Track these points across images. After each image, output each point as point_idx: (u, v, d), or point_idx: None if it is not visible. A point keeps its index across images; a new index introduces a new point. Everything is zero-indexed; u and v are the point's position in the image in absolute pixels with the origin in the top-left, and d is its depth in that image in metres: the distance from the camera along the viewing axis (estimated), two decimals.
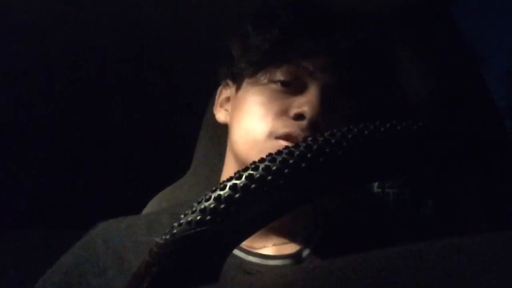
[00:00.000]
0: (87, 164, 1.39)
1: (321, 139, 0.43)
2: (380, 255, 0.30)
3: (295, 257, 0.73)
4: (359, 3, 0.95)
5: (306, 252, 0.74)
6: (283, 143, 0.68)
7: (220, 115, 0.82)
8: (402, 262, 0.29)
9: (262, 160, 0.43)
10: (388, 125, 0.44)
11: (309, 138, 0.44)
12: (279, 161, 0.42)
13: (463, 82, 1.04)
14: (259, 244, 0.74)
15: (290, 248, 0.74)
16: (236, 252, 0.72)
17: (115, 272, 0.71)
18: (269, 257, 0.73)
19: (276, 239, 0.75)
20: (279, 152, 0.43)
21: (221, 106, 0.83)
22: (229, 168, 0.79)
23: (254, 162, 0.43)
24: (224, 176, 0.80)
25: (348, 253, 0.30)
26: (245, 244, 0.73)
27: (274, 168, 0.42)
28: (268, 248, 0.74)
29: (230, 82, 0.81)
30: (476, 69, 1.06)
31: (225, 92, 0.83)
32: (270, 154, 0.43)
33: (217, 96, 0.84)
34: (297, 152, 0.42)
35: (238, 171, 0.43)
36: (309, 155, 0.42)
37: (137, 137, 1.37)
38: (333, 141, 0.43)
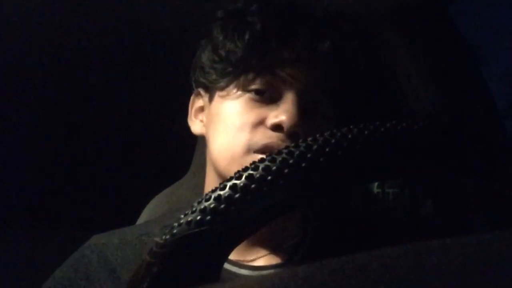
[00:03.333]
0: (87, 164, 1.39)
1: (321, 139, 0.43)
2: (377, 256, 0.30)
3: (286, 265, 0.72)
4: (357, 3, 0.95)
5: (296, 259, 0.73)
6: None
7: (196, 127, 0.79)
8: (400, 262, 0.29)
9: (262, 160, 0.43)
10: (388, 125, 0.44)
11: (309, 138, 0.44)
12: (279, 161, 0.42)
13: (463, 82, 1.04)
14: (250, 256, 0.73)
15: (281, 256, 0.73)
16: (227, 266, 0.71)
17: (110, 287, 0.71)
18: (260, 268, 0.72)
19: (266, 249, 0.73)
20: (279, 152, 0.43)
21: (195, 116, 0.79)
22: (211, 180, 0.77)
23: (254, 162, 0.43)
24: (208, 186, 0.77)
25: (341, 255, 0.30)
26: (236, 257, 0.72)
27: (274, 168, 0.42)
28: (259, 259, 0.73)
29: (202, 91, 0.78)
30: (476, 69, 1.06)
31: (197, 101, 0.79)
32: (270, 154, 0.43)
33: (190, 106, 0.80)
34: (297, 152, 0.42)
35: (238, 171, 0.43)
36: (309, 155, 0.42)
37: (137, 138, 1.37)
38: (333, 141, 0.43)
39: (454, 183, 0.92)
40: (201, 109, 0.79)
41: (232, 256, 0.72)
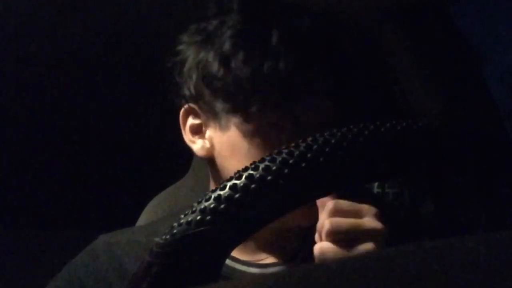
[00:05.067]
0: (87, 164, 1.39)
1: (321, 139, 0.43)
2: (377, 256, 0.30)
3: (293, 262, 0.72)
4: (356, 4, 0.95)
5: (302, 255, 0.73)
6: None
7: (199, 149, 0.72)
8: (400, 263, 0.29)
9: (262, 160, 0.43)
10: (388, 125, 0.44)
11: (309, 138, 0.44)
12: (279, 161, 0.42)
13: (463, 82, 1.04)
14: (258, 256, 0.73)
15: (288, 253, 0.73)
16: (235, 265, 0.71)
17: (119, 286, 0.70)
18: (267, 265, 0.72)
19: (274, 246, 0.73)
20: (279, 152, 0.43)
21: (193, 135, 0.73)
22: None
23: (254, 162, 0.43)
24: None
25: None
26: (243, 257, 0.72)
27: (274, 168, 0.42)
28: (266, 257, 0.73)
29: (197, 110, 0.71)
30: (476, 69, 1.06)
31: (191, 119, 0.73)
32: (270, 154, 0.43)
33: (181, 122, 0.73)
34: (297, 152, 0.42)
35: (238, 171, 0.43)
36: (309, 155, 0.42)
37: (137, 138, 1.37)
38: (333, 141, 0.43)
39: (454, 183, 0.92)
40: (199, 127, 0.72)
41: (240, 256, 0.72)
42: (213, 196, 0.42)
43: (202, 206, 0.42)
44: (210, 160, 0.73)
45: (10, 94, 1.25)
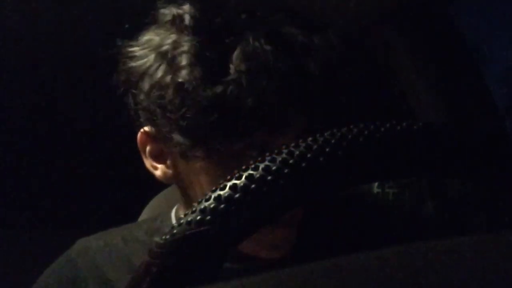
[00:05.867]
0: (87, 164, 1.39)
1: (321, 139, 0.43)
2: (377, 256, 0.30)
3: (285, 259, 0.72)
4: (356, 5, 0.95)
5: (298, 250, 0.72)
6: None
7: (161, 176, 0.69)
8: (400, 263, 0.29)
9: (262, 160, 0.43)
10: (388, 125, 0.44)
11: (309, 138, 0.44)
12: (279, 161, 0.42)
13: (463, 81, 1.04)
14: (249, 252, 0.72)
15: (282, 249, 0.73)
16: (226, 264, 0.71)
17: None
18: (258, 261, 0.71)
19: (266, 244, 0.73)
20: (279, 152, 0.43)
21: (155, 160, 0.69)
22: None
23: (254, 162, 0.43)
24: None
25: (339, 253, 0.30)
26: (236, 253, 0.72)
27: (274, 168, 0.42)
28: (261, 254, 0.72)
29: (155, 134, 0.66)
30: (476, 69, 1.06)
31: (151, 144, 0.68)
32: (270, 154, 0.43)
33: (140, 146, 0.69)
34: (297, 152, 0.42)
35: (238, 171, 0.43)
36: (309, 155, 0.42)
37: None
38: (333, 141, 0.43)
39: (454, 183, 0.92)
40: (160, 153, 0.68)
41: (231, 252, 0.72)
42: (213, 196, 0.42)
43: (202, 206, 0.41)
44: (175, 183, 0.71)
45: (11, 94, 1.25)
